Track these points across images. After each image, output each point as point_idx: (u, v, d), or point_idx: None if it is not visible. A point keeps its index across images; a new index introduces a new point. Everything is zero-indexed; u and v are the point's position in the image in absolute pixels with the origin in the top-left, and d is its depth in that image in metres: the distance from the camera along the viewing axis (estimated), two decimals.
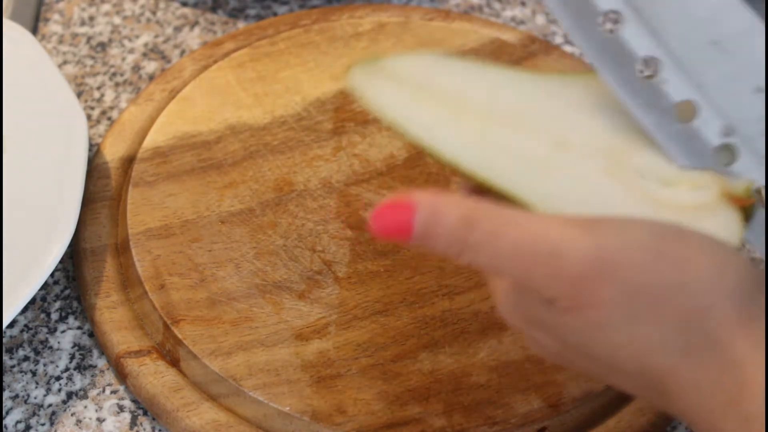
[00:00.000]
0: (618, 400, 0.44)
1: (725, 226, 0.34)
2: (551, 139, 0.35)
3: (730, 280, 0.31)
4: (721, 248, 0.32)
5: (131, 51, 0.62)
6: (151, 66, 0.61)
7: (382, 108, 0.35)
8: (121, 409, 0.45)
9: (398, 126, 0.35)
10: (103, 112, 0.58)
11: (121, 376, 0.46)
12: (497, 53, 0.59)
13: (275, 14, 0.65)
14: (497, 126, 0.35)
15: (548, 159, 0.34)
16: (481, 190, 0.35)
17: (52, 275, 0.50)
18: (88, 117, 0.58)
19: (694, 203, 0.35)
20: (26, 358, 0.47)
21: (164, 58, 0.61)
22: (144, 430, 0.45)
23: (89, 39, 0.63)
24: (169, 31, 0.63)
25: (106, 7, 0.65)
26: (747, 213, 0.35)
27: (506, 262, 0.32)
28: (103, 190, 0.52)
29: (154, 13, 0.65)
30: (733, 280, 0.31)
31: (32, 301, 0.49)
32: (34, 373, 0.46)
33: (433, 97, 0.35)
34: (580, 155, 0.35)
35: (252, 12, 0.65)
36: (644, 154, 0.36)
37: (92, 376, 0.46)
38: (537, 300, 0.32)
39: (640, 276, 0.31)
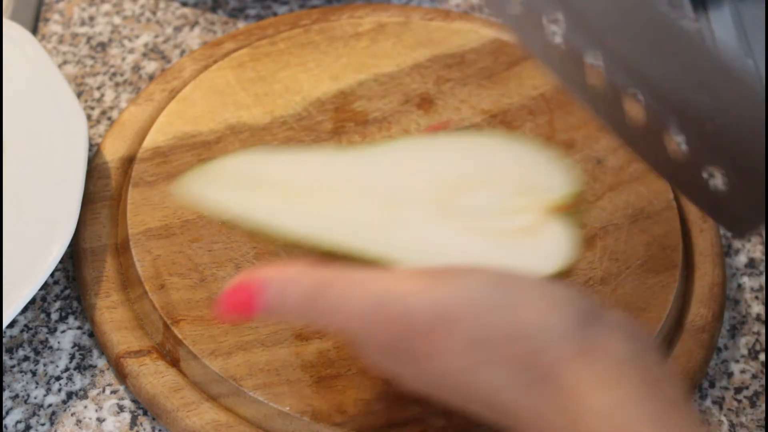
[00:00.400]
0: None
1: (559, 237, 0.38)
2: (382, 201, 0.37)
3: (560, 322, 0.34)
4: (551, 292, 0.35)
5: (131, 51, 0.62)
6: (151, 66, 0.61)
7: (219, 209, 0.37)
8: (121, 409, 0.45)
9: (240, 222, 0.37)
10: (103, 112, 0.58)
11: (121, 376, 0.46)
12: (497, 53, 0.59)
13: (275, 14, 0.65)
14: (330, 200, 0.38)
15: (384, 218, 0.37)
16: (329, 259, 0.37)
17: (52, 275, 0.50)
18: (88, 117, 0.58)
19: (525, 226, 0.38)
20: (26, 358, 0.47)
21: (164, 58, 0.61)
22: (144, 430, 0.45)
23: (89, 39, 0.63)
24: (169, 31, 0.63)
25: (106, 7, 0.65)
26: (577, 215, 0.38)
27: (358, 324, 0.35)
28: (103, 190, 0.52)
29: (154, 13, 0.65)
30: (563, 321, 0.34)
31: (32, 301, 0.49)
32: (34, 373, 0.46)
33: (266, 189, 0.38)
34: (412, 209, 0.37)
35: (252, 12, 0.65)
36: (470, 195, 0.39)
37: (92, 376, 0.46)
38: (392, 351, 0.35)
39: (477, 327, 0.34)
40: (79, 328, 0.48)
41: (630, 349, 0.34)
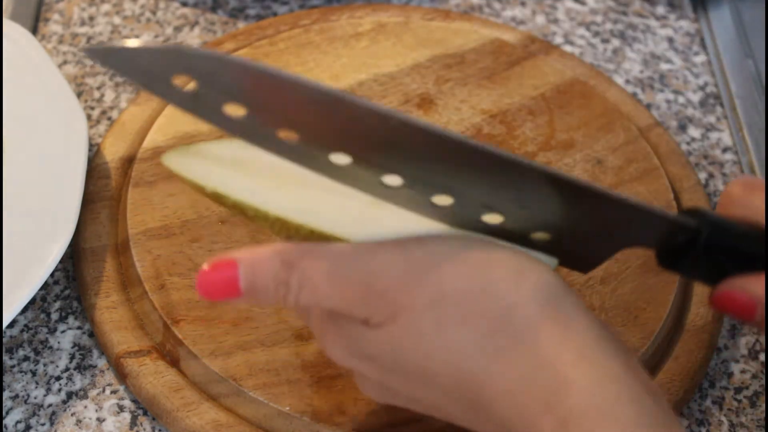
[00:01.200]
0: None
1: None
2: (367, 200, 0.37)
3: (530, 282, 0.32)
4: (520, 255, 0.33)
5: None
6: None
7: (202, 179, 0.37)
8: (121, 409, 0.45)
9: (219, 193, 0.36)
10: (103, 112, 0.58)
11: (121, 376, 0.46)
12: (497, 53, 0.59)
13: (275, 14, 0.65)
14: (316, 190, 0.37)
15: (367, 213, 0.37)
16: (308, 241, 0.36)
17: (52, 275, 0.50)
18: (88, 117, 0.58)
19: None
20: (26, 358, 0.47)
21: None
22: (144, 430, 0.45)
23: (89, 39, 0.63)
24: (169, 31, 0.63)
25: (106, 7, 0.65)
26: None
27: (324, 293, 0.33)
28: (103, 190, 0.52)
29: (154, 13, 0.65)
30: (534, 282, 0.32)
31: (32, 301, 0.49)
32: (34, 373, 0.46)
33: (251, 170, 0.37)
34: (395, 210, 0.36)
35: (252, 12, 0.65)
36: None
37: (92, 376, 0.46)
38: (352, 325, 0.34)
39: (445, 281, 0.32)
40: (79, 328, 0.48)
41: (602, 330, 0.33)
